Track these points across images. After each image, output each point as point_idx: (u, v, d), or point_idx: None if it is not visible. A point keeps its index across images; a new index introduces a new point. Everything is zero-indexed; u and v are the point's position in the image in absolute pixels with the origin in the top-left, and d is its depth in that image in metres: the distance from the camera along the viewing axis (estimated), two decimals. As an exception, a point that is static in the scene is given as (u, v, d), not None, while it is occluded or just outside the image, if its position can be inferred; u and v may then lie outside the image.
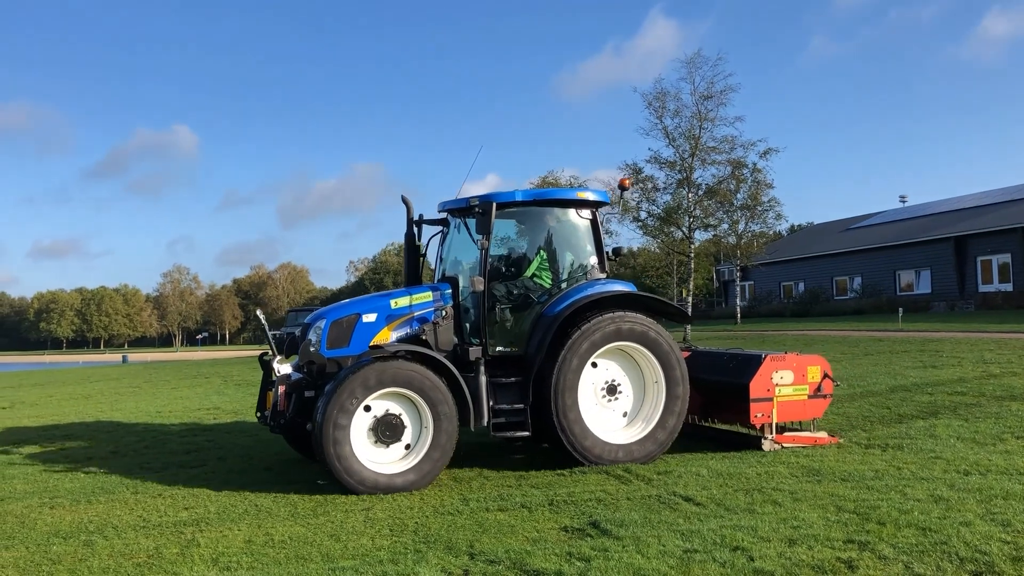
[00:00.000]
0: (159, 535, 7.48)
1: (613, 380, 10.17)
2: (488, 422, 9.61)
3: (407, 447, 9.21)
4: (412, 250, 10.98)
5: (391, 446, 9.14)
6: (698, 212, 35.20)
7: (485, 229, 9.68)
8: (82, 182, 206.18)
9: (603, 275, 10.54)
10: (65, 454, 12.27)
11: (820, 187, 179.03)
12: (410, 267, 11.00)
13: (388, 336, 9.78)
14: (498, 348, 9.94)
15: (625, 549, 6.51)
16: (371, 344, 9.54)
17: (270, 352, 10.13)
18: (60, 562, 6.72)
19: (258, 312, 11.28)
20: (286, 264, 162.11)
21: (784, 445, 10.35)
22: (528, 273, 10.29)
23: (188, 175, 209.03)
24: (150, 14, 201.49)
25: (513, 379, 9.81)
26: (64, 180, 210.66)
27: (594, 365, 10.00)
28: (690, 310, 35.38)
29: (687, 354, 11.37)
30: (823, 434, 10.73)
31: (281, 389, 9.62)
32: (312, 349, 9.72)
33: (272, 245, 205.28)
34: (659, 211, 35.97)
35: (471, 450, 10.93)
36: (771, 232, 47.84)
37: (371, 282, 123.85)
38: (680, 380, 10.18)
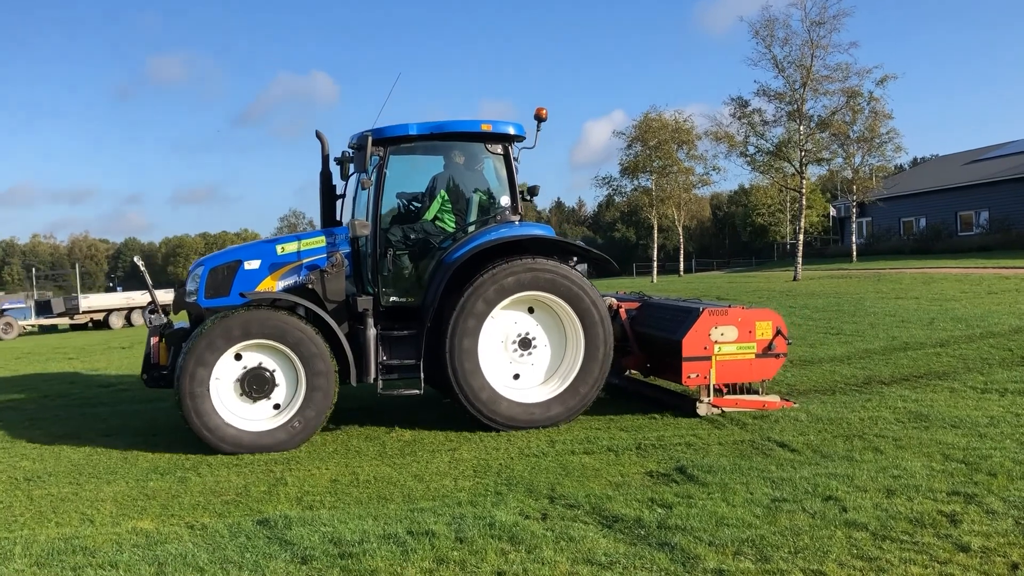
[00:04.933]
0: (250, 473, 7.65)
1: (527, 333, 9.25)
2: (376, 379, 8.92)
3: (276, 405, 8.61)
4: (327, 191, 9.99)
5: (260, 402, 8.54)
6: (810, 146, 33.60)
7: (362, 167, 8.89)
8: (227, 130, 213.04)
9: (516, 217, 9.52)
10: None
11: (949, 117, 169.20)
12: (325, 210, 10.02)
13: (273, 285, 9.04)
14: (392, 298, 9.14)
15: (710, 496, 6.27)
16: (241, 293, 8.87)
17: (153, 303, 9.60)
18: (155, 497, 6.95)
19: (136, 259, 10.61)
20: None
21: (724, 410, 9.31)
22: (428, 216, 9.34)
23: (326, 121, 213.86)
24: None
25: (407, 332, 9.04)
26: (211, 128, 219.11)
27: (500, 315, 9.14)
28: (801, 248, 34.15)
29: (636, 305, 10.59)
30: (774, 397, 9.60)
31: (154, 340, 9.21)
32: (190, 299, 9.19)
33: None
34: (768, 146, 34.58)
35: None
36: (890, 165, 45.57)
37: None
38: (601, 339, 9.18)
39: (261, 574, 5.14)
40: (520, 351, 9.26)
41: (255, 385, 8.51)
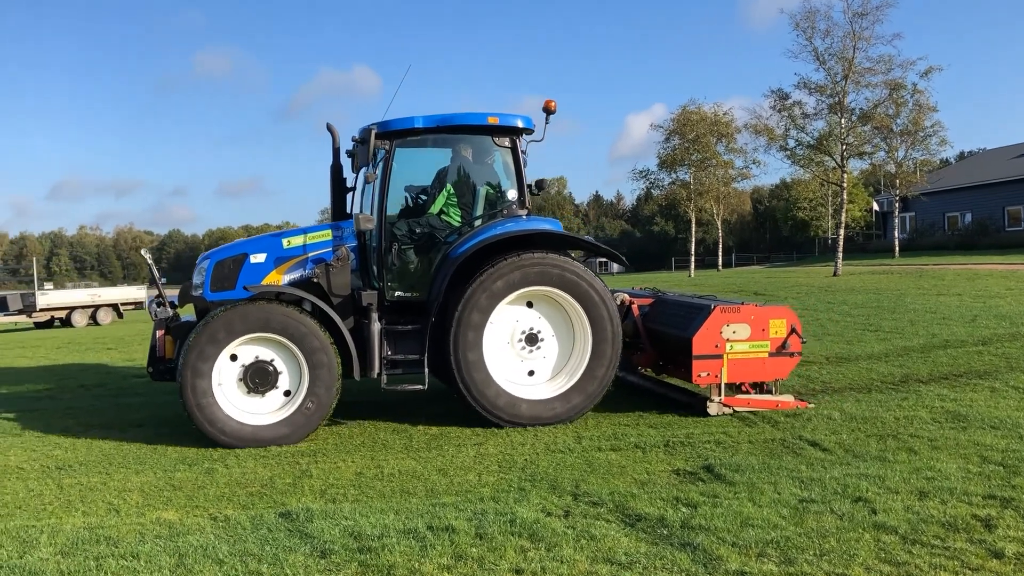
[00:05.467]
0: (276, 465, 7.67)
1: (532, 328, 9.11)
2: (380, 373, 8.84)
3: (287, 392, 8.60)
4: (338, 184, 9.84)
5: (269, 394, 8.55)
6: (851, 139, 33.04)
7: (366, 160, 8.84)
8: (271, 124, 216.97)
9: (523, 212, 9.36)
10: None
11: (996, 110, 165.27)
12: (336, 203, 9.87)
13: (279, 279, 8.97)
14: (397, 293, 9.06)
15: (736, 496, 6.15)
16: (245, 286, 8.80)
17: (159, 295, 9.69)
18: (180, 488, 6.98)
19: (143, 251, 10.57)
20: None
21: (736, 409, 9.06)
22: (434, 210, 9.24)
23: (368, 112, 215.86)
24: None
25: (412, 327, 8.92)
26: (254, 122, 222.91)
27: (500, 318, 9.00)
28: (842, 243, 33.61)
29: (649, 301, 10.37)
30: (788, 397, 9.34)
31: (159, 333, 9.21)
32: (196, 292, 9.13)
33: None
34: (809, 139, 34.06)
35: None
36: (935, 159, 44.67)
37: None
38: (607, 318, 9.01)
39: (280, 567, 5.13)
40: (528, 347, 9.14)
41: (258, 379, 8.52)
